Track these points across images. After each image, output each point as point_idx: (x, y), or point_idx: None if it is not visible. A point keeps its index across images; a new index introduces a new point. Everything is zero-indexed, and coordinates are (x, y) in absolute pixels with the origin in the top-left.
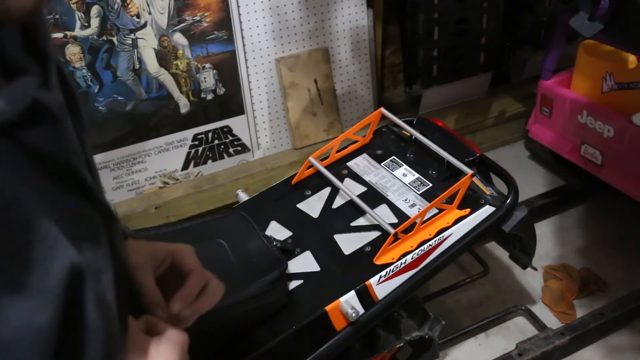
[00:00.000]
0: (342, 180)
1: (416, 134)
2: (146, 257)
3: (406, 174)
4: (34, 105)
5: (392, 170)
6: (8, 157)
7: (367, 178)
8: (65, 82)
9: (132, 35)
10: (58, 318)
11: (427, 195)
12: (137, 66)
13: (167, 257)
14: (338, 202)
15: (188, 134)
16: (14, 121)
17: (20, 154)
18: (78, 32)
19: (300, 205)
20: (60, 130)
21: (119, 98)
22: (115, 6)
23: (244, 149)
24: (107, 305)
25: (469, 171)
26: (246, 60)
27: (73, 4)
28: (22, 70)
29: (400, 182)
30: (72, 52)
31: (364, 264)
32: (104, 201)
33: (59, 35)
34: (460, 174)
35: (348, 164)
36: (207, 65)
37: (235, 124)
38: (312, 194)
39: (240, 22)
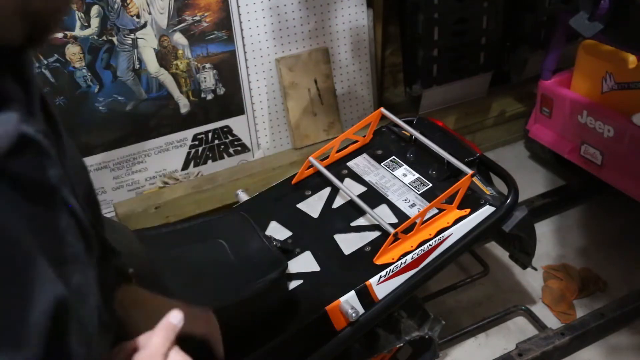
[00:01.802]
0: (342, 180)
1: (416, 134)
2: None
3: (406, 174)
4: (21, 139)
5: (392, 170)
6: (1, 192)
7: (367, 178)
8: (46, 105)
9: (132, 35)
10: (39, 356)
11: (427, 195)
12: (137, 66)
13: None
14: (338, 202)
15: (188, 134)
16: (1, 157)
17: (8, 186)
18: (78, 32)
19: (300, 205)
20: (45, 159)
21: (119, 98)
22: (115, 6)
23: (244, 149)
24: (91, 331)
25: (469, 171)
26: (246, 60)
27: (73, 4)
28: (8, 98)
29: (400, 182)
30: (72, 52)
31: (364, 264)
32: (88, 225)
33: (59, 35)
34: (460, 174)
35: (348, 164)
36: (207, 65)
37: (235, 124)
38: (312, 194)
39: (240, 22)
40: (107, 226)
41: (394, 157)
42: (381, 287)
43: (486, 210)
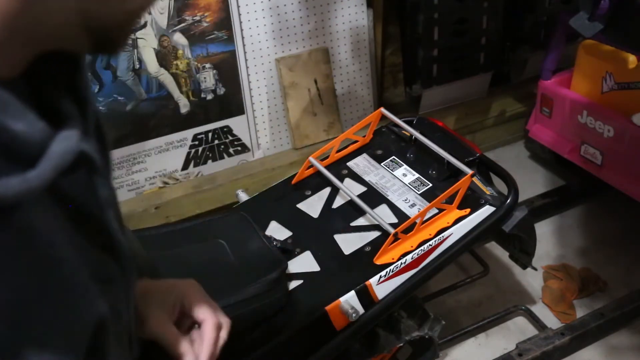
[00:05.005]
0: (342, 180)
1: (416, 134)
2: (161, 308)
3: (406, 174)
4: (79, 157)
5: (392, 170)
6: (51, 209)
7: (367, 178)
8: (99, 125)
9: (132, 35)
10: None
11: (427, 195)
12: (137, 66)
13: (177, 303)
14: (338, 202)
15: (188, 134)
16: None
17: (59, 205)
18: None
19: (300, 205)
20: (97, 179)
21: (119, 98)
22: None
23: (244, 149)
24: (125, 345)
25: (469, 171)
26: (246, 60)
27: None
28: (68, 116)
29: (400, 182)
30: None
31: (364, 264)
32: (125, 249)
33: None
34: (460, 174)
35: (348, 164)
36: (207, 65)
37: (235, 124)
38: (312, 194)
39: (240, 22)
40: None
41: (394, 157)
42: (381, 287)
43: (486, 210)
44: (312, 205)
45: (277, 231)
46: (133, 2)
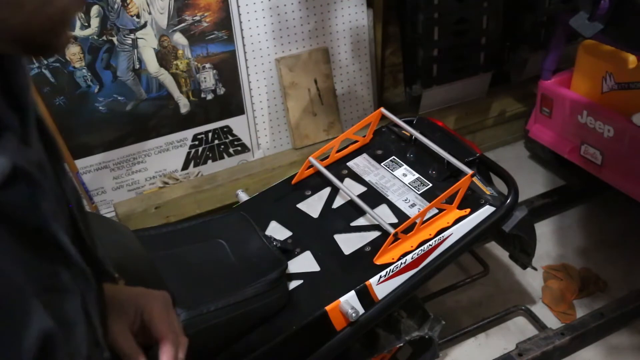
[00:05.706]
0: (342, 180)
1: (416, 134)
2: (119, 316)
3: (406, 174)
4: (14, 173)
5: (392, 170)
6: None
7: (367, 178)
8: (43, 129)
9: (132, 35)
10: None
11: (427, 195)
12: (137, 66)
13: (137, 314)
14: (338, 202)
15: (188, 134)
16: None
17: None
18: (78, 32)
19: (300, 205)
20: (37, 192)
21: (119, 98)
22: (115, 6)
23: (244, 149)
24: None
25: (469, 171)
26: (246, 60)
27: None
28: (3, 127)
29: (400, 182)
30: (72, 52)
31: (364, 264)
32: (77, 259)
33: None
34: (460, 174)
35: (348, 164)
36: (207, 65)
37: (235, 124)
38: (312, 194)
39: (240, 22)
40: (106, 226)
41: (394, 157)
42: (381, 287)
43: (486, 210)
44: (312, 205)
45: (277, 231)
46: (52, 7)
